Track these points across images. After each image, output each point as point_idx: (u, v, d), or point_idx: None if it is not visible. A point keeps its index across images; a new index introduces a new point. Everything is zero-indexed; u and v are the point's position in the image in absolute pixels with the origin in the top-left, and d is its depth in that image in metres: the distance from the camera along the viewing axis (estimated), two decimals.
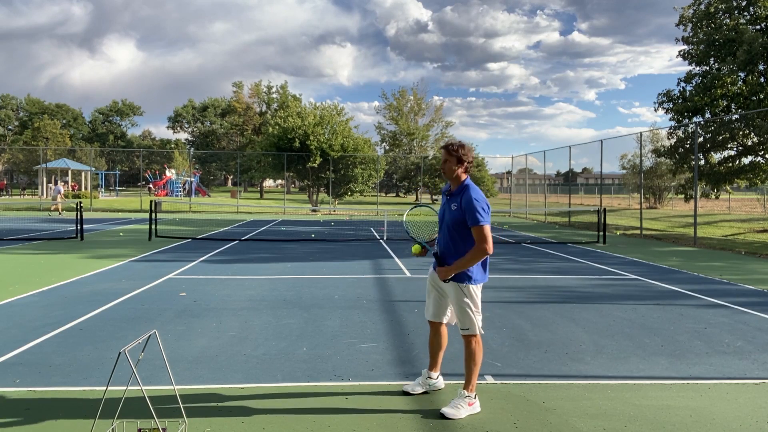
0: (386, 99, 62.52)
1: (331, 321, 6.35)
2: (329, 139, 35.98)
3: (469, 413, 3.84)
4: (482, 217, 3.79)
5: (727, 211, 31.50)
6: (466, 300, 3.90)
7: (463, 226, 3.86)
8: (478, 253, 3.79)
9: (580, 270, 10.72)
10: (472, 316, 3.90)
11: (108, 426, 3.39)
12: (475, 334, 3.93)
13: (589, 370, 4.77)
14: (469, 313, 3.90)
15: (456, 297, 3.94)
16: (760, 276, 10.26)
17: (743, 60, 18.80)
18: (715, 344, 5.62)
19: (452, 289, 3.95)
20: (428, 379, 4.23)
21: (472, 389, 3.92)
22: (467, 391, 3.90)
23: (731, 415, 3.87)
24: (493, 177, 57.53)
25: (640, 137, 21.15)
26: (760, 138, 18.66)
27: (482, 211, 3.80)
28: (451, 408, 3.83)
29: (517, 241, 16.67)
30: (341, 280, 9.18)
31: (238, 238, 16.37)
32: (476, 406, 3.91)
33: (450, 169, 3.95)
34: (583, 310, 7.13)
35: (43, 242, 14.40)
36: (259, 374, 4.56)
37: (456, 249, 3.91)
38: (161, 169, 52.33)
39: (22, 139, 62.31)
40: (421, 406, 3.97)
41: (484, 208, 3.82)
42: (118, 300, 7.32)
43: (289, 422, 3.65)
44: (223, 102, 73.28)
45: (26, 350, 5.11)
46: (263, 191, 65.29)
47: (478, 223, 3.78)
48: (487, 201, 3.91)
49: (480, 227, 3.78)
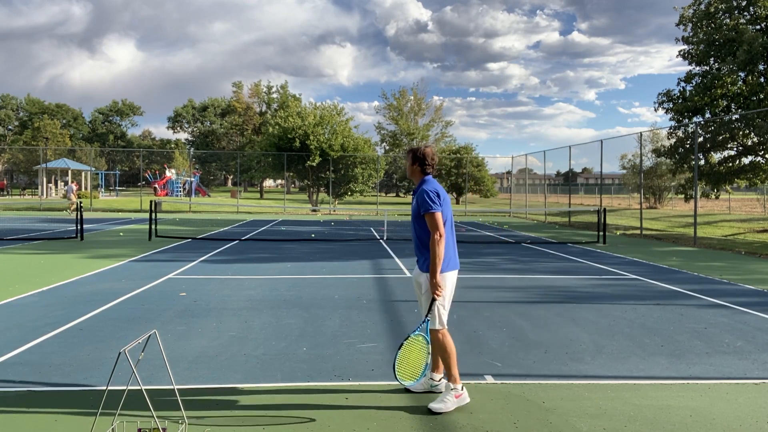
0: (386, 99, 62.56)
1: (331, 321, 6.35)
2: (329, 139, 35.98)
3: (456, 405, 3.89)
4: (430, 205, 3.92)
5: (727, 211, 31.51)
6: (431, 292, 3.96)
7: (422, 218, 4.01)
8: (434, 242, 3.89)
9: (580, 270, 10.72)
10: (435, 310, 3.96)
11: (108, 426, 3.39)
12: (438, 328, 3.98)
13: (589, 370, 4.77)
14: (434, 306, 3.96)
15: (426, 288, 4.02)
16: (760, 276, 10.26)
17: (743, 60, 18.80)
18: (715, 344, 5.62)
19: (425, 281, 4.03)
20: (430, 380, 4.23)
21: (455, 380, 3.97)
22: (452, 383, 3.96)
23: (731, 415, 3.87)
24: (493, 177, 57.50)
25: (640, 137, 21.16)
26: (760, 138, 18.67)
27: (430, 199, 3.94)
28: (437, 403, 3.88)
29: (517, 241, 16.67)
30: (341, 280, 9.18)
31: (238, 238, 16.37)
32: (464, 397, 3.96)
33: (408, 168, 4.20)
34: (583, 310, 7.13)
35: (43, 242, 14.40)
36: (259, 374, 4.56)
37: (421, 240, 4.06)
38: (161, 169, 52.33)
39: (22, 139, 62.31)
40: (422, 405, 3.97)
41: (432, 197, 3.95)
42: (118, 300, 7.32)
43: (289, 422, 3.65)
44: (223, 102, 73.29)
45: (26, 350, 5.12)
46: (263, 191, 65.28)
47: (428, 210, 3.93)
48: (439, 190, 4.03)
49: (430, 214, 3.93)
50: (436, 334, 3.99)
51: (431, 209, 3.92)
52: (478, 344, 5.51)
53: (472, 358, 5.06)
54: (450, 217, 4.11)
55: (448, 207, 4.08)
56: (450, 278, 4.05)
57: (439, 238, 3.89)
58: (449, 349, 3.99)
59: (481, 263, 11.53)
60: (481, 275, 9.84)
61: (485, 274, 10.03)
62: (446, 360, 3.99)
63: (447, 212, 4.06)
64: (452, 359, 3.99)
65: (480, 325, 6.27)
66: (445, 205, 4.02)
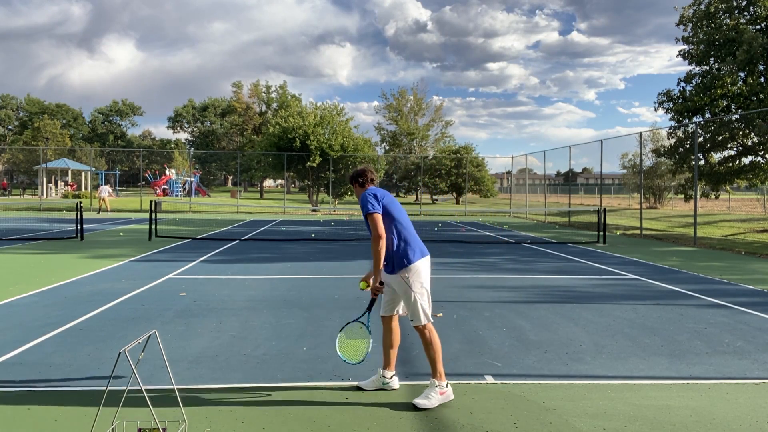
0: (386, 99, 62.61)
1: (331, 321, 6.35)
2: (329, 139, 36.00)
3: (440, 402, 3.92)
4: (369, 206, 4.01)
5: (727, 211, 31.51)
6: (411, 289, 3.99)
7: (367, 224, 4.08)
8: (373, 242, 3.97)
9: (580, 270, 10.72)
10: (418, 306, 3.98)
11: (108, 426, 3.39)
12: (423, 323, 4.00)
13: (589, 370, 4.77)
14: (415, 303, 3.98)
15: (401, 288, 4.05)
16: (760, 276, 10.26)
17: (743, 60, 18.80)
18: (715, 344, 5.62)
19: (397, 282, 4.07)
20: (382, 378, 4.24)
21: (440, 377, 3.99)
22: (437, 380, 3.98)
23: (731, 415, 3.87)
24: (493, 177, 57.47)
25: (640, 137, 21.15)
26: (760, 138, 18.66)
27: (368, 201, 4.03)
28: (421, 398, 3.91)
29: (517, 241, 16.67)
30: (341, 280, 9.18)
31: (238, 238, 16.38)
32: (449, 394, 3.98)
33: (356, 192, 4.27)
34: (583, 310, 7.13)
35: (43, 242, 14.40)
36: (259, 374, 4.56)
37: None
38: (161, 169, 52.33)
39: (22, 139, 62.34)
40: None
41: (369, 198, 4.03)
42: (118, 300, 7.32)
43: (289, 422, 3.65)
44: (223, 102, 73.31)
45: (26, 350, 5.12)
46: (263, 191, 65.29)
47: (367, 212, 4.01)
48: (378, 192, 4.10)
49: (369, 215, 4.01)
50: (423, 330, 4.01)
51: (369, 210, 4.00)
52: (478, 344, 5.51)
53: (472, 358, 5.06)
54: (402, 212, 4.15)
55: (395, 204, 4.14)
56: (423, 266, 4.08)
57: (378, 238, 3.95)
58: (435, 345, 4.01)
59: (481, 263, 11.54)
60: (481, 275, 9.85)
61: (485, 274, 10.04)
62: (432, 356, 4.01)
63: (395, 209, 4.11)
64: (438, 355, 4.01)
65: (480, 325, 6.27)
66: (391, 204, 4.09)
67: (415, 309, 4.00)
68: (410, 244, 4.07)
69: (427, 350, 4.05)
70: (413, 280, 4.01)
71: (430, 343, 4.01)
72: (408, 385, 4.35)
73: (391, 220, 4.07)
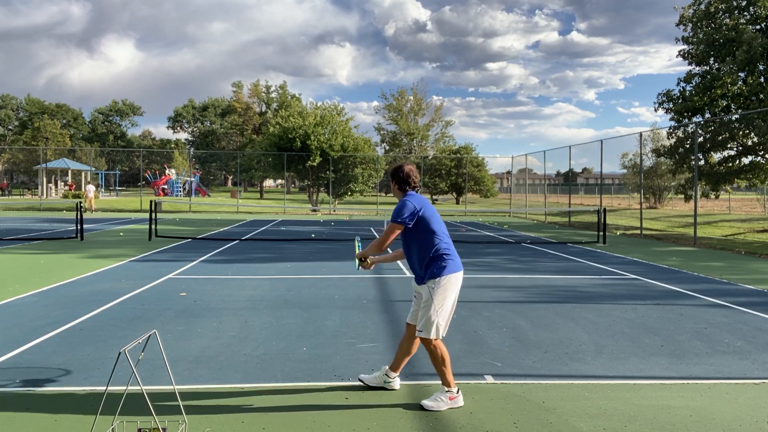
0: (386, 99, 62.61)
1: (331, 321, 6.36)
2: (329, 139, 36.00)
3: (450, 407, 3.91)
4: (394, 216, 4.04)
5: (727, 211, 31.50)
6: (432, 300, 3.94)
7: (410, 231, 4.07)
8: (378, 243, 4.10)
9: (580, 270, 10.72)
10: (429, 319, 3.92)
11: (108, 425, 3.39)
12: (429, 338, 3.93)
13: (589, 370, 4.77)
14: (429, 314, 3.93)
15: (425, 295, 4.03)
16: (760, 276, 10.26)
17: (743, 60, 18.80)
18: (715, 344, 5.62)
19: (424, 290, 4.05)
20: (385, 376, 4.24)
21: (450, 384, 3.97)
22: (446, 387, 3.97)
23: (731, 415, 3.87)
24: (493, 177, 57.50)
25: (640, 137, 21.15)
26: (760, 138, 18.66)
27: (398, 212, 4.03)
28: (431, 401, 3.91)
29: (517, 241, 16.67)
30: (341, 280, 9.18)
31: (238, 238, 16.38)
32: (458, 400, 3.96)
33: (393, 190, 4.28)
34: (583, 310, 7.13)
35: (43, 242, 14.40)
36: (259, 374, 4.56)
37: (409, 252, 4.14)
38: (161, 169, 52.32)
39: (22, 139, 62.31)
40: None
41: (405, 212, 4.01)
42: (118, 300, 7.32)
43: (289, 422, 3.65)
44: (223, 102, 73.31)
45: (26, 350, 5.12)
46: (263, 191, 65.28)
47: (393, 220, 4.06)
48: (417, 203, 4.04)
49: (394, 223, 4.04)
50: (429, 344, 3.95)
51: (396, 219, 4.03)
52: (478, 344, 5.51)
53: (472, 358, 5.06)
54: (440, 223, 4.10)
55: (435, 216, 4.09)
56: (453, 281, 4.02)
57: (381, 244, 4.07)
58: (443, 359, 3.96)
59: (481, 263, 11.54)
60: (481, 275, 9.85)
61: (485, 273, 10.04)
62: (440, 369, 3.97)
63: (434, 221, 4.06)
64: (446, 367, 3.97)
65: (480, 325, 6.27)
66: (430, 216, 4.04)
67: (427, 320, 3.92)
68: (444, 258, 4.01)
69: (433, 363, 4.00)
70: (438, 292, 3.94)
71: (436, 357, 3.96)
72: (408, 385, 4.35)
73: (431, 233, 4.01)
